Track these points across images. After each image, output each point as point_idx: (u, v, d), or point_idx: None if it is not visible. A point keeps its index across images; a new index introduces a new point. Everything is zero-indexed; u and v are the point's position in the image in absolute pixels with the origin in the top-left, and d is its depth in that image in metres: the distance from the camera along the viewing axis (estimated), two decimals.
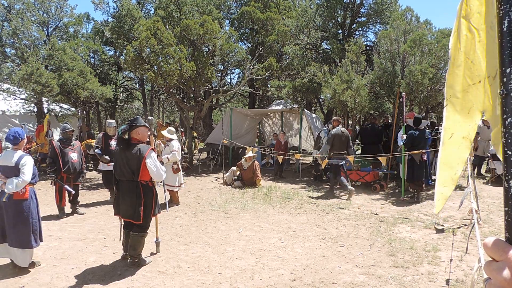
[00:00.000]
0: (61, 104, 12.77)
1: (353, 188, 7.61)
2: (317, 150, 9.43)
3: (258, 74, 11.13)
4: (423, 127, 7.34)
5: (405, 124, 7.20)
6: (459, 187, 8.28)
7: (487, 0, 0.82)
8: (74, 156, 6.38)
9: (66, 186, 6.16)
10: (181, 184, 7.26)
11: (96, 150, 7.33)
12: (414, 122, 7.30)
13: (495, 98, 0.82)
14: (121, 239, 4.28)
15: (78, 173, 6.51)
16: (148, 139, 4.37)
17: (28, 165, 3.92)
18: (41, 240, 4.23)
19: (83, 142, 10.67)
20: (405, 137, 7.11)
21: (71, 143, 6.47)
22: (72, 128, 6.67)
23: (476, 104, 0.87)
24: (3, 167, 3.93)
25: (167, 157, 6.86)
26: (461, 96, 0.89)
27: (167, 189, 7.01)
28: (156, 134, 7.38)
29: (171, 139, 7.07)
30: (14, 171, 3.88)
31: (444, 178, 0.93)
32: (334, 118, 8.38)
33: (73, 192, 6.34)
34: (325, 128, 9.40)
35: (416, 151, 7.03)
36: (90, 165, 11.93)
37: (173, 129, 7.51)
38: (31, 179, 4.01)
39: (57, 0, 13.33)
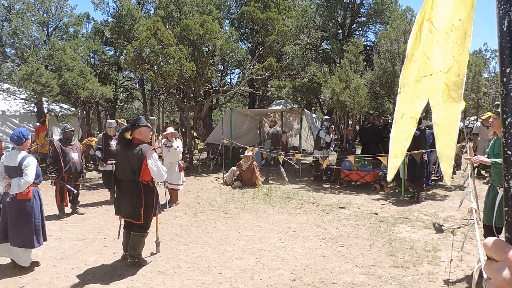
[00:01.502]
0: (61, 104, 12.77)
1: (287, 179, 9.38)
2: (318, 150, 9.44)
3: (258, 74, 11.12)
4: (423, 127, 7.36)
5: None
6: (459, 187, 8.28)
7: (455, 5, 0.95)
8: (75, 155, 6.38)
9: (68, 186, 6.17)
10: (183, 182, 7.39)
11: (96, 152, 7.33)
12: None
13: (442, 88, 1.01)
14: (119, 238, 4.28)
15: (79, 173, 6.51)
16: (150, 139, 4.38)
17: (31, 166, 3.93)
18: (45, 240, 4.25)
19: (83, 142, 10.67)
20: None
21: (72, 143, 6.47)
22: (72, 128, 6.68)
23: (425, 92, 1.06)
24: (7, 167, 3.96)
25: (176, 146, 6.96)
26: (414, 85, 1.09)
27: (172, 188, 7.07)
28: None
29: (177, 137, 7.25)
30: (17, 171, 3.91)
31: (396, 150, 1.12)
32: (270, 119, 10.79)
33: (75, 191, 6.34)
34: (324, 128, 9.41)
35: (416, 151, 7.03)
36: (90, 165, 11.93)
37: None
38: (35, 180, 4.03)
39: (57, 0, 13.33)
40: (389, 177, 1.20)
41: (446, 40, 0.98)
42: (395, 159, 1.11)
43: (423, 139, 7.27)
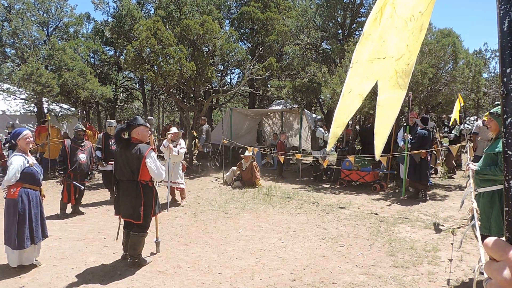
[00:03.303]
0: (61, 104, 12.78)
1: (213, 168, 10.50)
2: (317, 150, 9.44)
3: (258, 74, 11.13)
4: (430, 128, 7.44)
5: (410, 124, 7.19)
6: (459, 187, 8.28)
7: None
8: (82, 157, 6.42)
9: (75, 182, 6.26)
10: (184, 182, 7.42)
11: (96, 152, 7.34)
12: (422, 122, 7.39)
13: (391, 74, 1.06)
14: (117, 239, 4.28)
15: (85, 173, 6.56)
16: (148, 139, 4.37)
17: (12, 164, 3.91)
18: (33, 243, 4.00)
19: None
20: (409, 137, 7.11)
21: (82, 144, 6.52)
22: (83, 128, 6.77)
23: (375, 73, 1.11)
24: None
25: (178, 151, 6.93)
26: (366, 64, 1.13)
27: (178, 187, 7.07)
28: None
29: (179, 138, 7.25)
30: None
31: (339, 121, 1.16)
32: (202, 117, 11.14)
33: (83, 188, 6.42)
34: (321, 129, 9.42)
35: (416, 151, 7.03)
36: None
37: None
38: (18, 179, 3.91)
39: (57, 0, 13.34)
40: (328, 148, 1.25)
41: (404, 28, 1.02)
42: (337, 128, 1.17)
43: (429, 139, 7.30)
